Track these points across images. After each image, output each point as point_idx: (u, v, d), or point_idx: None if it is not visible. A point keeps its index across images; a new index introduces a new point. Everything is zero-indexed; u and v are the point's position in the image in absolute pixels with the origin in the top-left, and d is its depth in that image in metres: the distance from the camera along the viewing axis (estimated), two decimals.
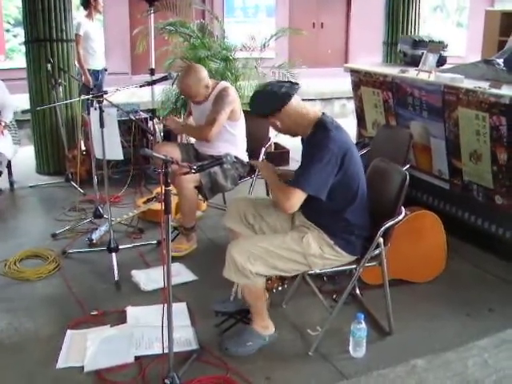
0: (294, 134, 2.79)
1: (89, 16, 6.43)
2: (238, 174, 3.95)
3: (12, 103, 5.04)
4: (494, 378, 2.61)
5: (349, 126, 4.59)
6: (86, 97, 3.66)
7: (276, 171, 2.84)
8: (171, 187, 2.30)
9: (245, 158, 3.99)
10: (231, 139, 3.91)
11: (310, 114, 2.67)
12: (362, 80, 4.75)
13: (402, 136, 3.82)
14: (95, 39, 6.56)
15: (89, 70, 6.41)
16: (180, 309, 3.08)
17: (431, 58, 4.24)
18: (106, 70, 6.89)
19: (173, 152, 3.90)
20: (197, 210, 4.06)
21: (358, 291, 3.27)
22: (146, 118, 5.35)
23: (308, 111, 2.68)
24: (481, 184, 3.82)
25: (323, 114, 2.70)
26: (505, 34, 6.52)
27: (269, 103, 2.65)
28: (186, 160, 3.93)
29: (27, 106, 5.41)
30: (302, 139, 2.76)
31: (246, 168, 3.98)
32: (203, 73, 3.83)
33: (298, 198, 2.58)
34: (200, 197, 3.88)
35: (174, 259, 3.40)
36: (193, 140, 4.24)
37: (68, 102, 5.22)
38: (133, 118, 4.60)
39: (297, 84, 2.69)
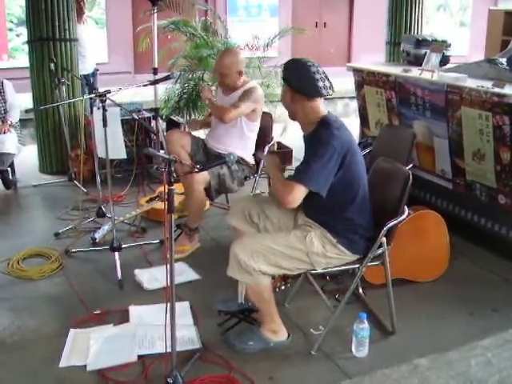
0: (293, 118, 2.77)
1: (77, 19, 5.59)
2: (244, 176, 3.96)
3: (19, 103, 5.05)
4: (497, 377, 2.61)
5: (352, 125, 4.57)
6: (90, 96, 3.65)
7: (281, 168, 2.83)
8: (174, 186, 2.30)
9: (250, 160, 4.00)
10: (243, 137, 3.92)
11: (319, 112, 2.68)
12: (364, 79, 4.74)
13: (405, 135, 3.81)
14: (84, 44, 6.05)
15: None
16: (183, 308, 3.08)
17: (434, 58, 4.23)
18: (97, 71, 6.66)
19: (183, 139, 3.97)
20: None
21: (360, 291, 3.27)
22: (149, 117, 5.36)
23: (319, 110, 2.68)
24: (484, 183, 3.81)
25: (328, 112, 2.70)
26: (508, 34, 6.53)
27: (300, 81, 2.62)
28: (194, 151, 3.98)
29: (30, 106, 5.41)
30: (305, 136, 2.76)
31: (252, 170, 4.00)
32: (240, 56, 3.95)
33: (298, 192, 2.57)
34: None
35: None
36: (203, 135, 4.25)
37: (71, 101, 5.22)
38: (136, 117, 4.60)
39: (332, 89, 2.65)
